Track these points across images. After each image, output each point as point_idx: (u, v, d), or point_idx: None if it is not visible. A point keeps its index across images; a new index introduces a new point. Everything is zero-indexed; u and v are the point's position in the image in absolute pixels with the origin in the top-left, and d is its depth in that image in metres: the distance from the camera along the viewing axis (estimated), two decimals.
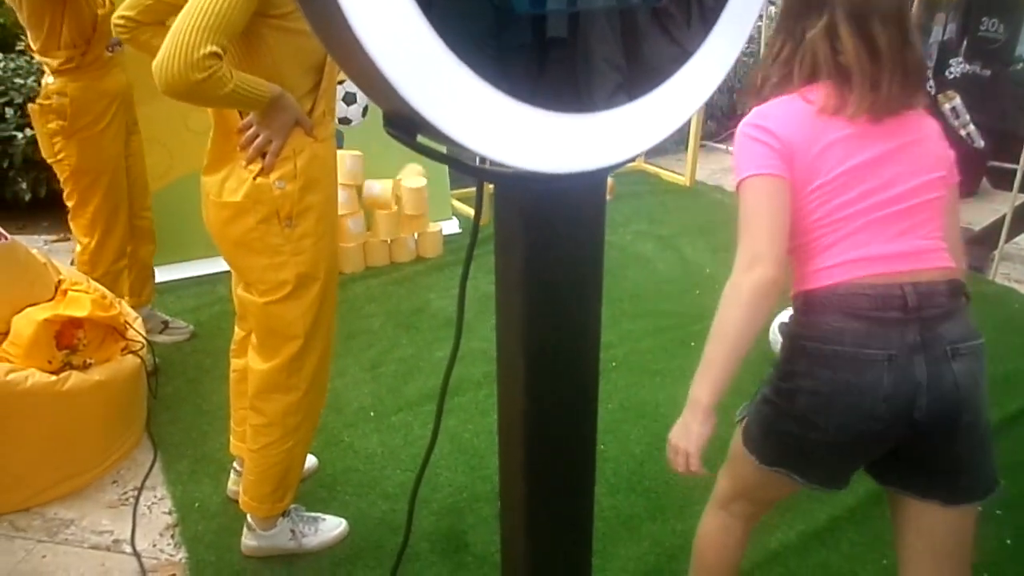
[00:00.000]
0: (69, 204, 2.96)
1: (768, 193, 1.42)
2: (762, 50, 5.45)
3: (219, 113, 1.90)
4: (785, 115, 1.45)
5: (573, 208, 0.88)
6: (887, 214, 1.42)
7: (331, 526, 2.27)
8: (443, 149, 0.81)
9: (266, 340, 1.99)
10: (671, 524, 2.38)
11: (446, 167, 3.78)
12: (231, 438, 2.36)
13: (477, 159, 0.78)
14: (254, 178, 1.84)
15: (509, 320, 0.98)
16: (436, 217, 4.45)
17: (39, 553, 2.25)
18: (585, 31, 0.76)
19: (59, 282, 2.56)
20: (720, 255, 4.33)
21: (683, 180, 5.55)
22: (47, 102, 2.77)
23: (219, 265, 3.44)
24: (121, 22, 2.10)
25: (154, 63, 1.61)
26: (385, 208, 4.12)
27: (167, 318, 3.39)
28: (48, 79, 2.77)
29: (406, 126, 0.77)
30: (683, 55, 0.81)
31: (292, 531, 2.21)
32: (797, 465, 1.54)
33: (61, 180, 2.92)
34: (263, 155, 1.84)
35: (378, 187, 4.10)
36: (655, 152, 6.01)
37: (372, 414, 2.89)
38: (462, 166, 0.81)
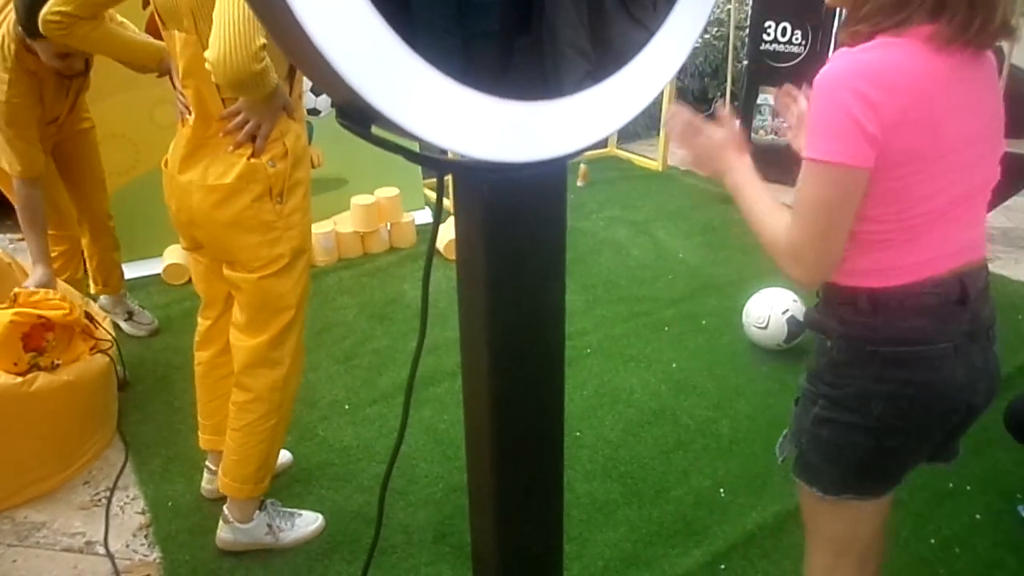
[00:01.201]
0: None
1: (846, 191, 1.21)
2: (731, 34, 5.46)
3: (201, 102, 1.89)
4: (896, 74, 1.17)
5: (534, 196, 0.87)
6: (966, 204, 1.28)
7: (308, 521, 2.27)
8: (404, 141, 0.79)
9: (257, 315, 2.03)
10: (647, 510, 2.39)
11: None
12: (200, 433, 2.34)
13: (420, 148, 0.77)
14: (248, 159, 1.89)
15: (472, 309, 0.97)
16: (409, 207, 4.42)
17: (9, 558, 2.21)
18: (542, 17, 0.75)
19: (15, 295, 2.49)
20: (693, 239, 4.35)
21: (655, 165, 5.56)
22: None
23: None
24: (56, 18, 2.01)
25: (212, 57, 1.62)
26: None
27: (134, 308, 3.36)
28: None
29: (359, 118, 0.76)
30: (644, 36, 0.81)
31: (269, 526, 2.20)
32: (863, 483, 1.43)
33: None
34: (252, 139, 1.89)
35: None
36: (627, 137, 6.01)
37: (346, 407, 2.88)
38: (417, 157, 0.80)
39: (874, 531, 1.53)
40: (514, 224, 0.88)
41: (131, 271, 3.57)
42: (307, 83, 3.87)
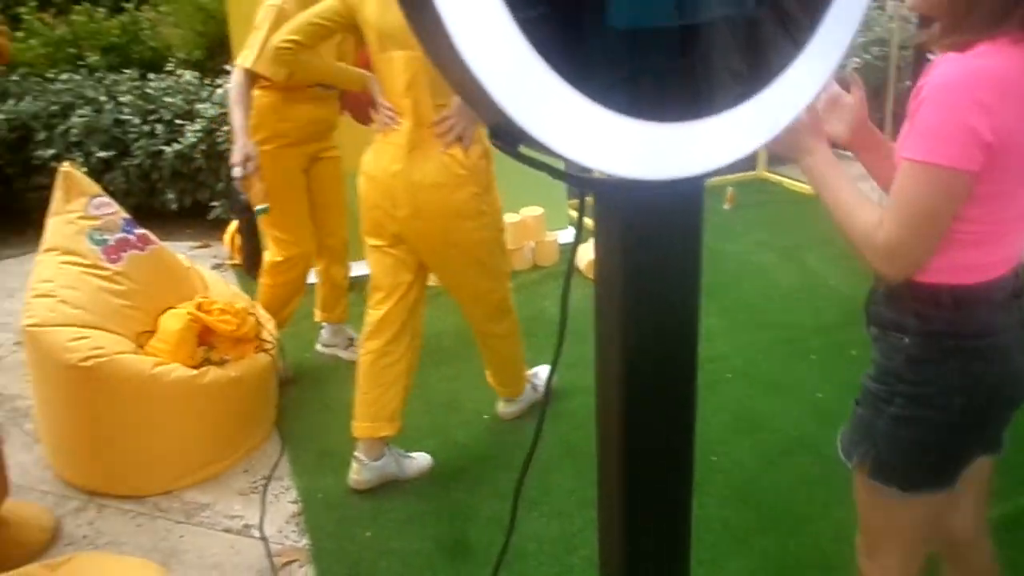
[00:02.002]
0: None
1: (951, 193, 1.22)
2: (894, 54, 5.22)
3: (418, 110, 2.26)
4: (1008, 80, 1.18)
5: (673, 214, 0.90)
6: None
7: (422, 460, 2.63)
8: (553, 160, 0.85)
9: (478, 288, 2.57)
10: (784, 540, 2.32)
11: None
12: (356, 422, 2.50)
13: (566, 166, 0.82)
14: (459, 157, 2.28)
15: (607, 326, 1.00)
16: (553, 226, 4.50)
17: (177, 533, 2.44)
18: (682, 43, 0.79)
19: (199, 304, 2.75)
20: (845, 266, 4.18)
21: (807, 189, 5.38)
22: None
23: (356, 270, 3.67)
24: (287, 45, 2.33)
25: None
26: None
27: (354, 336, 3.41)
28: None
29: (508, 137, 0.82)
30: (791, 53, 0.82)
31: (395, 461, 2.54)
32: (940, 476, 1.43)
33: None
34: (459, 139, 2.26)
35: None
36: (778, 161, 5.85)
37: (486, 417, 2.97)
38: (560, 175, 0.85)
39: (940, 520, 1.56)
40: (652, 241, 0.91)
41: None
42: None
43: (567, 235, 4.65)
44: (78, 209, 2.72)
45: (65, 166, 2.80)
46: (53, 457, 2.74)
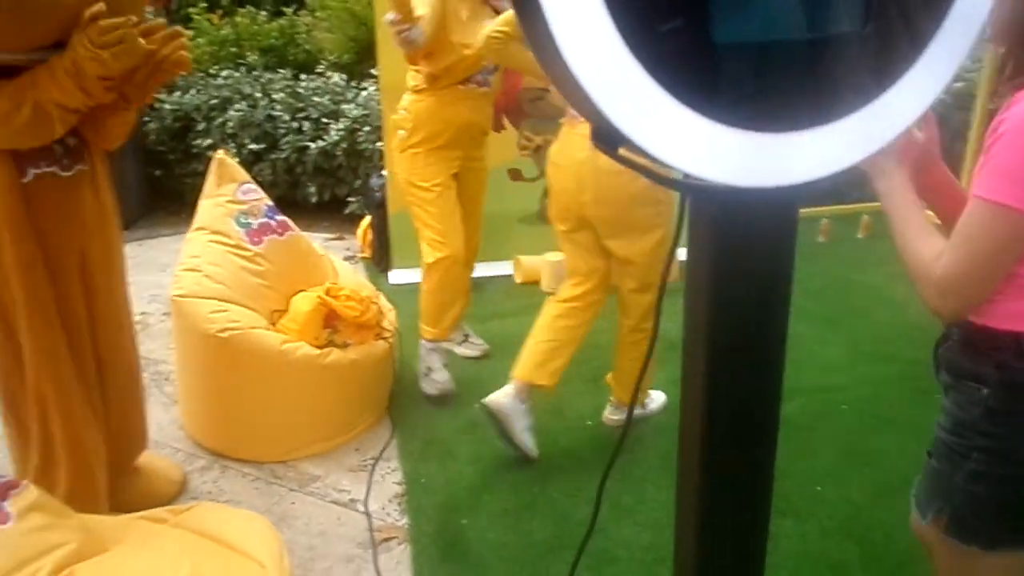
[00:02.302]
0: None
1: (1015, 237, 1.21)
2: (982, 92, 4.90)
3: None
4: None
5: (761, 221, 0.92)
6: None
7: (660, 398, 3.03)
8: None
9: (646, 277, 2.69)
10: None
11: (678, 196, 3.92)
12: (521, 364, 2.72)
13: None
14: None
15: (694, 331, 1.04)
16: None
17: (289, 499, 2.60)
18: (781, 59, 0.82)
19: (327, 289, 2.92)
20: None
21: None
22: (396, 116, 3.13)
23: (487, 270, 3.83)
24: (498, 35, 2.54)
25: None
26: None
27: (469, 332, 3.59)
28: (405, 96, 3.10)
29: (609, 140, 0.87)
30: (881, 85, 0.84)
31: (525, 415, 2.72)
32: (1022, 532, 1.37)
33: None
34: None
35: None
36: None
37: (589, 423, 3.01)
38: (654, 176, 0.89)
39: None
40: (742, 248, 0.94)
41: (401, 277, 3.98)
42: None
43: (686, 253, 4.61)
44: (228, 194, 2.96)
45: (219, 154, 3.04)
46: (186, 418, 2.98)
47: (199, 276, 2.77)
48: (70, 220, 2.14)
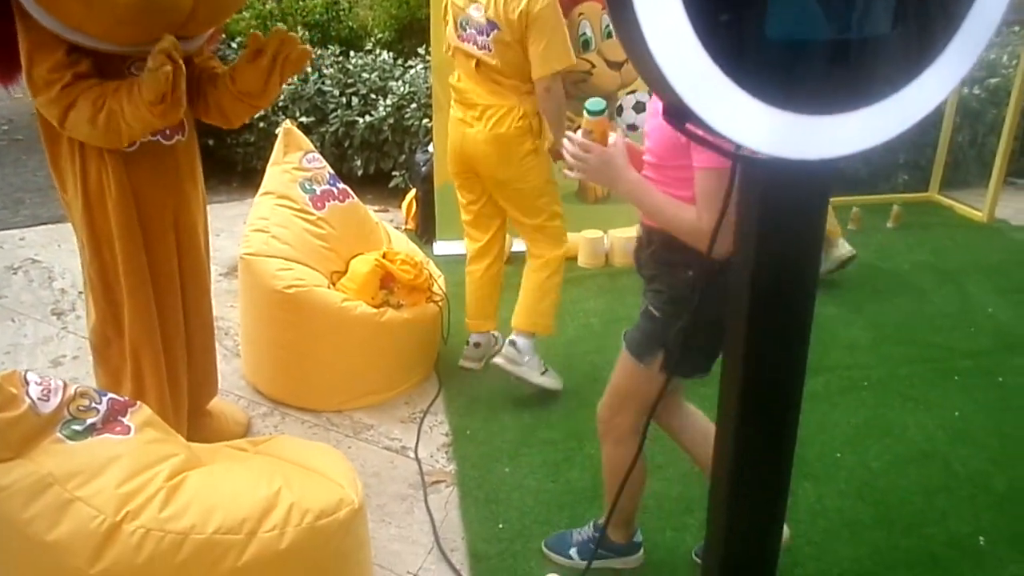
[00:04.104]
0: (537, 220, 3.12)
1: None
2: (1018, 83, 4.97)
3: None
4: None
5: (801, 188, 1.10)
6: None
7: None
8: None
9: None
10: (896, 538, 2.42)
11: None
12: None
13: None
14: None
15: (740, 287, 1.22)
16: None
17: (346, 445, 2.82)
18: (824, 52, 0.99)
19: (384, 253, 3.13)
20: (1009, 297, 4.09)
21: (979, 216, 5.22)
22: (521, 124, 2.92)
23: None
24: None
25: None
26: None
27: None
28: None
29: (678, 115, 1.05)
30: (903, 79, 1.01)
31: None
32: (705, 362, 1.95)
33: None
34: None
35: None
36: (952, 184, 5.69)
37: None
38: (712, 146, 1.08)
39: None
40: (783, 210, 1.12)
41: (454, 248, 4.17)
42: (629, 103, 4.26)
43: None
44: (294, 161, 3.17)
45: (287, 124, 3.25)
46: (249, 368, 3.21)
47: (267, 237, 2.98)
48: (167, 186, 2.35)
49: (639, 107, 4.33)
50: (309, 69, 5.65)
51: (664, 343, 1.91)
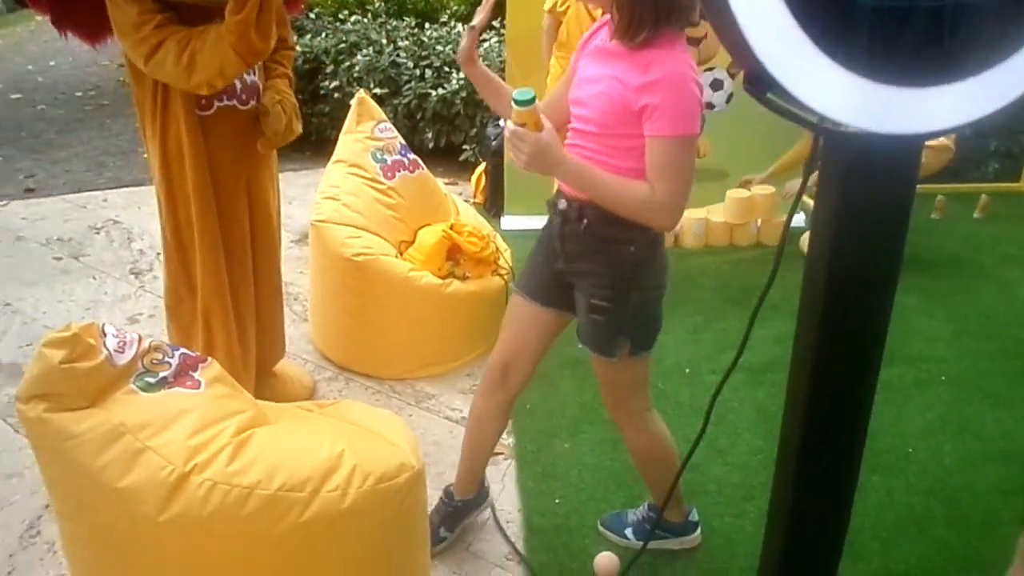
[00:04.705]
0: None
1: (693, 154, 1.67)
2: None
3: None
4: None
5: (888, 166, 1.05)
6: None
7: None
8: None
9: None
10: (967, 537, 2.33)
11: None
12: None
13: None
14: None
15: (815, 271, 1.17)
16: (787, 208, 4.52)
17: (407, 413, 2.85)
18: (916, 22, 0.94)
19: (451, 224, 3.15)
20: None
21: None
22: None
23: None
24: None
25: None
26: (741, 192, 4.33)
27: None
28: None
29: (760, 85, 1.01)
30: (1000, 52, 0.95)
31: None
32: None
33: None
34: None
35: None
36: None
37: (687, 371, 3.15)
38: (795, 118, 1.03)
39: None
40: (868, 191, 1.07)
41: (521, 223, 4.17)
42: (706, 80, 4.16)
43: (798, 220, 4.64)
44: (366, 130, 3.19)
45: (360, 93, 3.27)
46: (316, 333, 3.27)
47: (337, 204, 3.02)
48: (241, 149, 2.39)
49: (716, 85, 4.24)
50: (384, 40, 5.69)
51: (622, 329, 1.86)
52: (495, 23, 5.80)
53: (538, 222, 4.48)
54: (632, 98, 1.63)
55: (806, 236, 3.97)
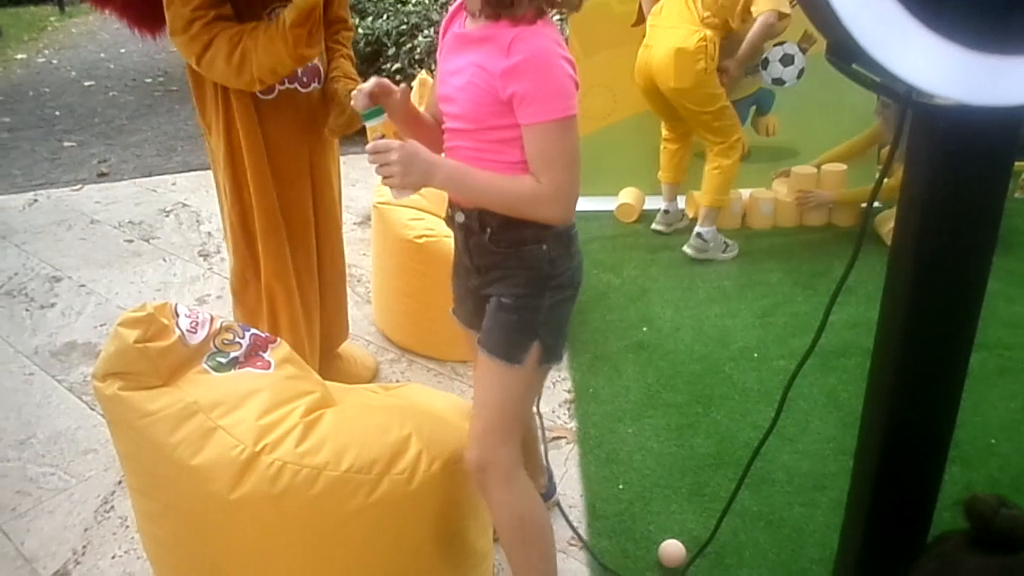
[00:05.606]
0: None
1: (577, 135, 1.50)
2: None
3: None
4: None
5: (983, 138, 0.99)
6: None
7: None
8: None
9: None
10: None
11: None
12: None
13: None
14: None
15: (903, 246, 1.12)
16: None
17: (469, 395, 2.82)
18: None
19: None
20: None
21: None
22: (701, 44, 3.56)
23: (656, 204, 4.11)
24: None
25: None
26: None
27: (729, 241, 3.95)
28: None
29: (845, 56, 0.96)
30: None
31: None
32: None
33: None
34: None
35: None
36: None
37: (755, 355, 3.08)
38: (882, 89, 0.98)
39: None
40: (960, 166, 1.01)
41: (587, 205, 4.11)
42: (776, 55, 4.04)
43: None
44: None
45: (422, 74, 3.26)
46: (379, 315, 3.29)
47: None
48: (303, 132, 2.40)
49: (786, 60, 4.11)
50: None
51: (535, 331, 1.64)
52: None
53: (607, 203, 4.52)
54: (498, 85, 1.46)
55: (882, 216, 3.84)
